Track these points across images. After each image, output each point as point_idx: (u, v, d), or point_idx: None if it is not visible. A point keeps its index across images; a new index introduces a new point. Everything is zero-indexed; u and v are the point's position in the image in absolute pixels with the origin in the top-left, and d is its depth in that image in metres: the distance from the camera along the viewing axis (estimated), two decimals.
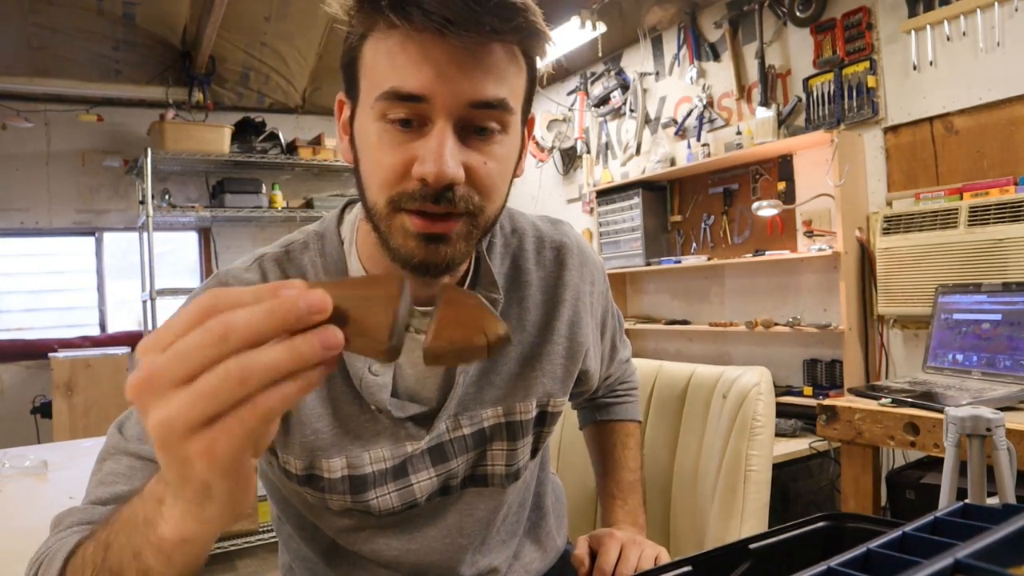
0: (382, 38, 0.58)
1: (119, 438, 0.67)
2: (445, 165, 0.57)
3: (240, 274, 0.72)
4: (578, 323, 0.83)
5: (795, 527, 0.59)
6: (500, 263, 0.80)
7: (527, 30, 0.58)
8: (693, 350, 3.50)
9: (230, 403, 0.34)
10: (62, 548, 0.56)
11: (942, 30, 2.41)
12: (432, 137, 0.58)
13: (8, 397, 3.90)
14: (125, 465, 0.65)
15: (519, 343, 0.79)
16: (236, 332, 0.35)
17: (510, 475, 0.81)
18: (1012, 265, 2.09)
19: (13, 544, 1.04)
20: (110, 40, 3.73)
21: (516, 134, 0.64)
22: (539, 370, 0.80)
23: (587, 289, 0.85)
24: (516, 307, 0.79)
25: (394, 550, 0.78)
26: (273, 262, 0.74)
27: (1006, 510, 0.46)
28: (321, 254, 0.74)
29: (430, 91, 0.57)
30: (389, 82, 0.57)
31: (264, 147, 4.18)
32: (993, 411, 1.28)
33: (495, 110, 0.59)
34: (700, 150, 3.28)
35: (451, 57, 0.56)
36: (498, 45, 0.58)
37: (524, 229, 0.83)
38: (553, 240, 0.84)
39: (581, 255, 0.85)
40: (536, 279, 0.81)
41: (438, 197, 0.59)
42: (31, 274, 4.16)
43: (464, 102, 0.58)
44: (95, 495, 0.64)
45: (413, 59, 0.56)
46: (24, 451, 1.67)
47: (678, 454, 1.16)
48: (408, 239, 0.61)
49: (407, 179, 0.59)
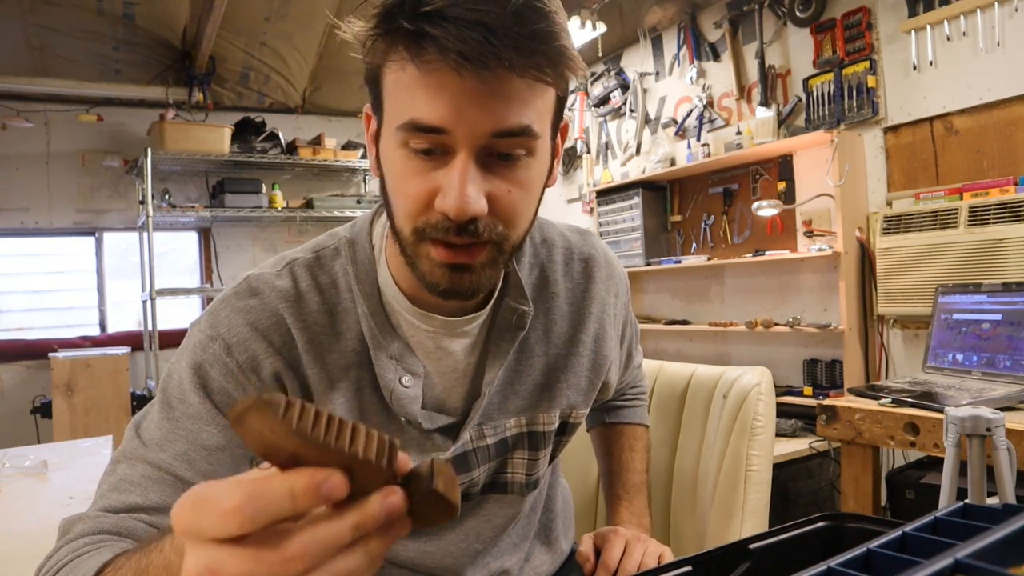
0: (400, 67, 0.57)
1: (137, 442, 0.66)
2: (466, 202, 0.56)
3: (272, 280, 0.71)
4: (603, 336, 0.83)
5: (795, 527, 0.59)
6: (528, 273, 0.79)
7: (549, 62, 0.55)
8: (693, 350, 3.50)
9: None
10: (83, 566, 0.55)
11: (942, 30, 2.41)
12: (454, 170, 0.57)
13: (8, 397, 3.90)
14: (140, 473, 0.64)
15: (544, 354, 0.79)
16: (259, 520, 0.33)
17: (529, 484, 0.81)
18: (1012, 265, 2.09)
19: (13, 544, 1.04)
20: (110, 40, 3.73)
21: (544, 152, 0.63)
22: (563, 382, 0.80)
23: (612, 301, 0.85)
24: (543, 318, 0.79)
25: (411, 551, 0.78)
26: (304, 268, 0.72)
27: (1006, 510, 0.46)
28: (353, 262, 0.73)
29: (450, 124, 0.56)
30: (409, 113, 0.56)
31: (264, 147, 4.19)
32: (993, 411, 1.28)
33: (519, 137, 0.58)
34: (700, 150, 3.28)
35: (470, 90, 0.54)
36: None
37: (553, 240, 0.83)
38: (582, 252, 0.83)
39: (608, 267, 0.85)
40: (564, 290, 0.81)
41: (460, 230, 0.58)
42: (31, 274, 4.16)
43: (486, 133, 0.56)
44: (107, 502, 0.63)
45: (431, 92, 0.55)
46: (24, 451, 1.67)
47: (678, 454, 1.16)
48: (434, 267, 0.61)
49: (430, 210, 0.59)
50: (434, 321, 0.71)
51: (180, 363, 0.68)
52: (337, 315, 0.71)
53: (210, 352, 0.67)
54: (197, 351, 0.68)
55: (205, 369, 0.67)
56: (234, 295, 0.70)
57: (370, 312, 0.70)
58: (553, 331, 0.79)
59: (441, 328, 0.71)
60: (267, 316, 0.68)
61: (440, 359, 0.73)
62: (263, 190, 4.18)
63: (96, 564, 0.55)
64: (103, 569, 0.54)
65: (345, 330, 0.71)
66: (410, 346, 0.72)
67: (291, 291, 0.70)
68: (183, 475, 0.64)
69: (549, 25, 0.55)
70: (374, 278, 0.72)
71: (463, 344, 0.73)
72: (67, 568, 0.57)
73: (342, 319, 0.71)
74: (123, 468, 0.65)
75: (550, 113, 0.62)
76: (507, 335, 0.74)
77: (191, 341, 0.69)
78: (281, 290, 0.70)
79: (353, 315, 0.71)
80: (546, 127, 0.61)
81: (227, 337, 0.67)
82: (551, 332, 0.79)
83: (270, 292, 0.69)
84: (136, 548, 0.53)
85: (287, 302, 0.69)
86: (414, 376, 0.71)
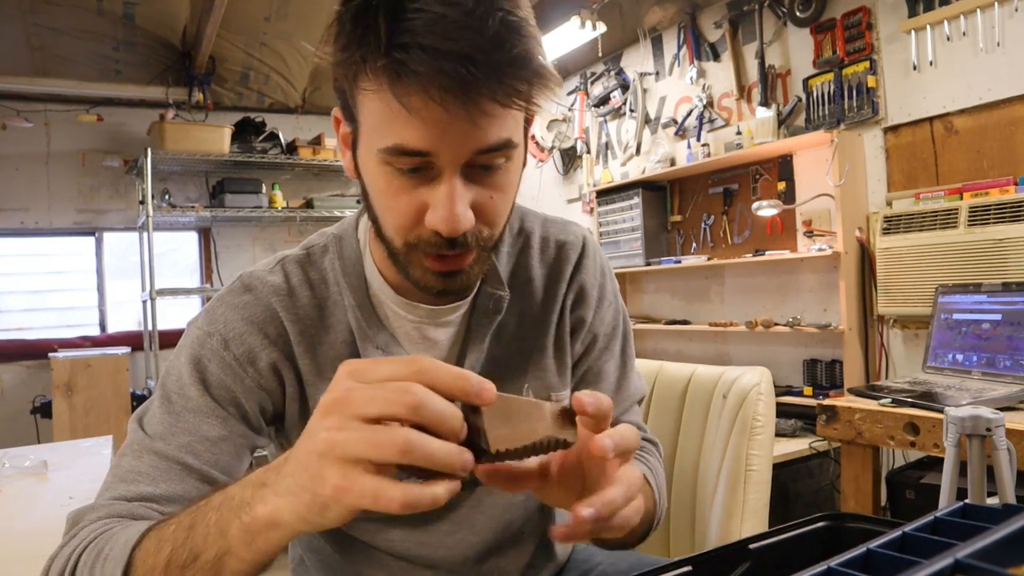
0: (377, 94, 0.56)
1: (141, 434, 0.67)
2: (457, 221, 0.58)
3: (264, 276, 0.74)
4: (574, 315, 0.83)
5: (795, 527, 0.59)
6: (507, 262, 0.81)
7: (529, 85, 0.55)
8: (693, 350, 3.50)
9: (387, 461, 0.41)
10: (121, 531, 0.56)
11: (942, 30, 2.41)
12: (442, 188, 0.58)
13: (8, 397, 3.90)
14: (148, 464, 0.65)
15: (521, 338, 0.80)
16: (426, 413, 0.41)
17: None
18: (1012, 265, 2.09)
19: (13, 544, 1.04)
20: (110, 40, 3.73)
21: (520, 152, 0.64)
22: (538, 364, 0.81)
23: (592, 282, 0.85)
24: (519, 303, 0.81)
25: (406, 541, 0.79)
26: (295, 264, 0.76)
27: (1006, 510, 0.46)
28: (340, 257, 0.76)
29: (434, 148, 0.57)
30: (393, 138, 0.57)
31: (264, 147, 4.18)
32: (993, 411, 1.28)
33: (501, 151, 0.59)
34: (700, 150, 3.28)
35: (451, 118, 0.55)
36: None
37: (532, 228, 0.84)
38: (558, 239, 0.85)
39: (584, 251, 0.85)
40: (539, 275, 0.82)
41: (451, 244, 0.61)
42: (31, 274, 4.16)
43: (469, 152, 0.58)
44: (118, 491, 0.63)
45: (414, 120, 0.55)
46: (24, 451, 1.67)
47: (678, 454, 1.16)
48: (427, 274, 0.64)
49: (420, 225, 0.61)
50: (419, 311, 0.74)
51: (179, 359, 0.70)
52: (327, 308, 0.74)
53: (208, 347, 0.70)
54: (195, 347, 0.70)
55: (203, 364, 0.69)
56: (229, 293, 0.73)
57: (357, 304, 0.73)
58: (528, 315, 0.81)
59: (426, 317, 0.74)
60: (262, 311, 0.72)
61: (426, 349, 0.76)
62: (263, 190, 4.17)
63: (137, 530, 0.55)
64: (146, 533, 0.54)
65: (335, 323, 0.74)
66: (396, 337, 0.75)
67: (283, 286, 0.73)
68: (190, 463, 0.65)
69: (526, 44, 0.55)
70: (361, 272, 0.75)
71: (448, 333, 0.76)
72: (94, 545, 0.56)
73: (332, 312, 0.74)
74: (129, 460, 0.66)
75: (523, 116, 0.63)
76: (485, 320, 0.77)
77: (189, 338, 0.72)
78: (273, 285, 0.73)
79: (342, 308, 0.74)
80: (521, 133, 0.63)
81: (224, 332, 0.70)
82: (526, 316, 0.81)
83: (263, 288, 0.73)
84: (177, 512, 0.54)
85: (279, 296, 0.72)
86: None
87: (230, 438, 0.68)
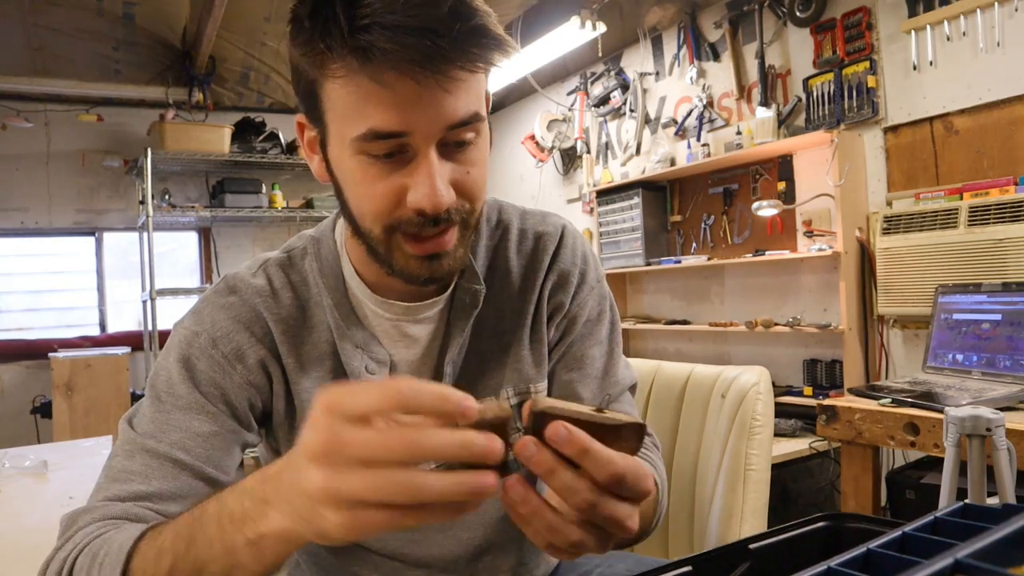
0: (344, 77, 0.58)
1: (131, 434, 0.68)
2: (440, 196, 0.59)
3: (248, 279, 0.75)
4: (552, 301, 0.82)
5: (795, 527, 0.59)
6: (484, 255, 0.81)
7: (491, 52, 0.58)
8: (693, 350, 3.50)
9: (394, 504, 0.39)
10: (115, 537, 0.56)
11: (942, 30, 2.41)
12: (421, 167, 0.60)
13: (8, 397, 3.90)
14: (140, 463, 0.65)
15: (499, 332, 0.80)
16: (424, 453, 0.39)
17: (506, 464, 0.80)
18: (1012, 265, 2.09)
19: (13, 544, 1.04)
20: (110, 40, 3.73)
21: (486, 127, 0.66)
22: (515, 356, 0.80)
23: (571, 268, 0.83)
24: (497, 296, 0.80)
25: (398, 540, 0.79)
26: (277, 267, 0.77)
27: (1006, 510, 0.46)
28: (317, 258, 0.77)
29: (408, 127, 0.58)
30: (367, 124, 0.58)
31: (264, 147, 4.19)
32: (993, 411, 1.28)
33: (470, 124, 0.61)
34: (700, 150, 3.28)
35: (422, 91, 0.57)
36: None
37: (509, 220, 0.84)
38: (536, 230, 0.84)
39: (562, 239, 0.84)
40: (516, 267, 0.82)
41: (435, 221, 0.62)
42: (31, 274, 4.16)
43: (442, 127, 0.59)
44: (111, 492, 0.64)
45: (387, 100, 0.57)
46: (24, 451, 1.67)
47: (677, 454, 1.16)
48: (410, 261, 0.65)
49: (401, 207, 0.62)
50: (396, 308, 0.75)
51: (167, 359, 0.72)
52: (309, 309, 0.76)
53: (196, 346, 0.71)
54: (183, 346, 0.71)
55: (192, 362, 0.70)
56: (214, 294, 0.75)
57: (335, 303, 0.75)
58: (506, 308, 0.81)
59: (403, 314, 0.75)
60: (247, 311, 0.73)
61: (406, 347, 0.76)
62: (263, 190, 4.18)
63: (130, 535, 0.55)
64: (141, 538, 0.54)
65: (317, 323, 0.75)
66: (375, 335, 0.75)
67: (266, 288, 0.75)
68: (182, 459, 0.66)
69: (483, 17, 0.58)
70: (338, 272, 0.76)
71: (426, 330, 0.77)
72: (89, 548, 0.56)
73: (313, 312, 0.76)
74: (121, 460, 0.66)
75: (485, 91, 0.65)
76: (463, 314, 0.77)
77: (176, 338, 0.73)
78: (257, 287, 0.75)
79: (323, 309, 0.75)
80: (484, 107, 0.65)
81: (212, 331, 0.71)
82: (504, 309, 0.81)
83: (247, 289, 0.74)
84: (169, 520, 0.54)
85: (263, 297, 0.74)
86: (379, 364, 0.74)
87: (220, 434, 0.69)
